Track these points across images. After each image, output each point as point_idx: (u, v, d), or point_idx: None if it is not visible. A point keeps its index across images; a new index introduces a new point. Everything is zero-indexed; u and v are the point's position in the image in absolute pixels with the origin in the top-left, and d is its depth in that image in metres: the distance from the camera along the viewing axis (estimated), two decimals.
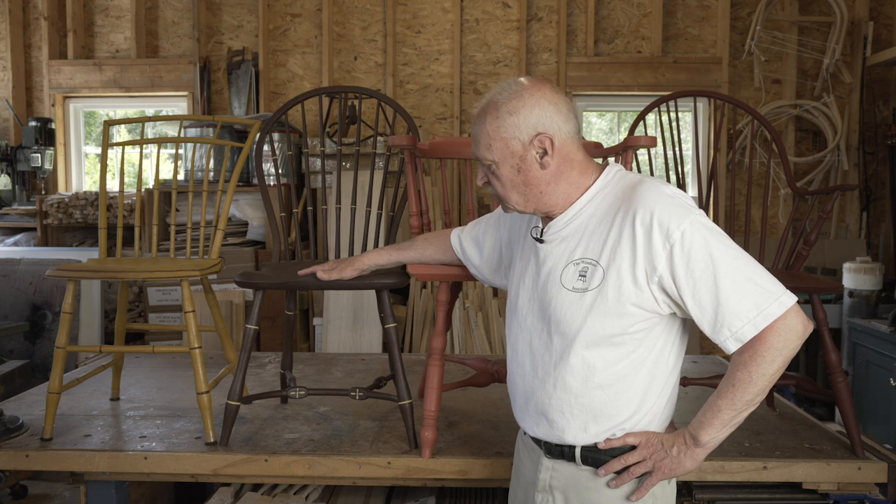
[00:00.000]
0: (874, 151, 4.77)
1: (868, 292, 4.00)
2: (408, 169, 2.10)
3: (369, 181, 2.40)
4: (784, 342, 1.30)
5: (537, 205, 1.45)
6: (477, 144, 1.45)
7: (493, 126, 1.40)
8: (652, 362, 1.40)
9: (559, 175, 1.42)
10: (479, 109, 1.45)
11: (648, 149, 2.24)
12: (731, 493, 1.99)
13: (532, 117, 1.39)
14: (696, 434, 1.37)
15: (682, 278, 1.32)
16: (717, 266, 1.31)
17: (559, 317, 1.41)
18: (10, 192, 4.92)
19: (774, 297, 1.30)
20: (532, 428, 1.50)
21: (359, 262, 1.93)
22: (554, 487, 1.47)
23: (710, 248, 1.31)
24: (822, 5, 4.71)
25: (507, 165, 1.42)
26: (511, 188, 1.44)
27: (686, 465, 1.39)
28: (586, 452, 1.43)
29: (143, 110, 5.27)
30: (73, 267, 2.15)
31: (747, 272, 1.32)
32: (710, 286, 1.31)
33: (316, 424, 2.28)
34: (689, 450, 1.38)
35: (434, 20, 4.89)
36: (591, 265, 1.39)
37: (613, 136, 5.58)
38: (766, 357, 1.30)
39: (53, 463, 2.04)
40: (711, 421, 1.36)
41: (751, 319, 1.29)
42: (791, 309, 1.30)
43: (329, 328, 3.91)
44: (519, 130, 1.39)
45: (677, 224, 1.32)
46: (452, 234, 1.85)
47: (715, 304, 1.31)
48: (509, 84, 1.42)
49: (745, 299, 1.29)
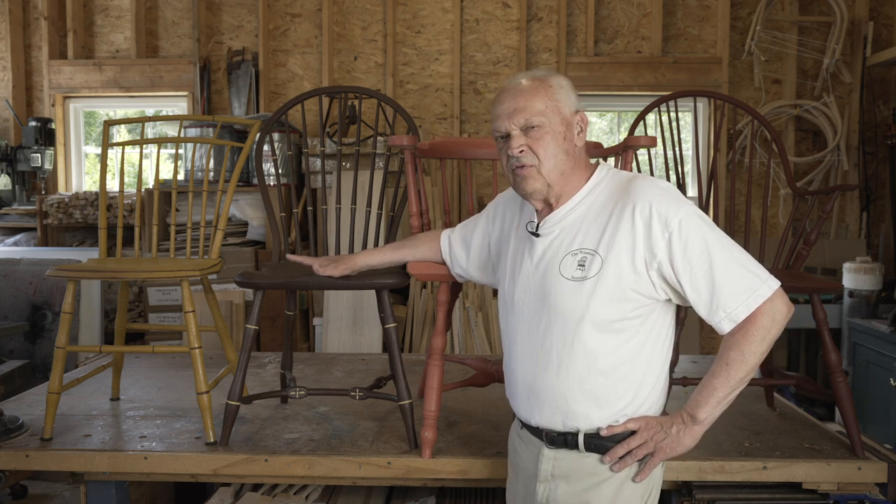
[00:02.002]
0: (874, 151, 4.77)
1: (868, 292, 4.00)
2: (408, 169, 2.10)
3: (369, 181, 2.40)
4: (772, 322, 1.39)
5: (559, 180, 1.50)
6: (525, 107, 1.47)
7: (547, 92, 1.48)
8: (649, 349, 1.47)
9: (580, 159, 1.53)
10: (524, 85, 1.49)
11: (648, 149, 2.24)
12: (731, 493, 1.99)
13: (573, 96, 1.52)
14: (693, 413, 1.45)
15: (680, 263, 1.40)
16: (712, 252, 1.39)
17: (560, 306, 1.46)
18: (10, 192, 4.92)
19: (762, 280, 1.40)
20: (534, 417, 1.53)
21: (352, 261, 1.95)
22: (556, 476, 1.50)
23: (704, 235, 1.40)
24: (822, 5, 4.71)
25: (556, 128, 1.48)
26: (553, 152, 1.48)
27: (686, 443, 1.46)
28: (590, 439, 1.47)
29: (143, 110, 5.27)
30: (73, 267, 2.15)
31: (738, 258, 1.41)
32: (706, 270, 1.39)
33: (316, 424, 2.28)
34: (688, 428, 1.46)
35: (434, 20, 4.89)
36: (589, 255, 1.45)
37: (613, 136, 5.58)
38: (756, 336, 1.39)
39: (53, 463, 2.04)
40: (708, 399, 1.44)
41: (744, 301, 1.38)
42: (777, 291, 1.40)
43: (329, 328, 3.92)
44: (569, 101, 1.50)
45: (675, 213, 1.40)
46: (442, 236, 1.88)
47: (711, 287, 1.39)
48: (540, 69, 1.59)
49: (739, 282, 1.39)
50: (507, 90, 1.51)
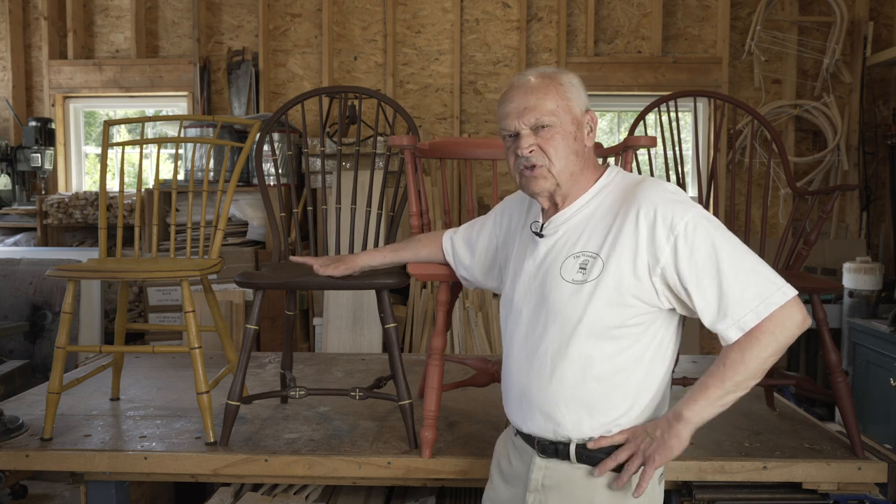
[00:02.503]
0: (874, 151, 4.77)
1: (868, 292, 4.00)
2: (408, 169, 2.10)
3: (369, 181, 2.40)
4: (781, 329, 1.31)
5: (569, 181, 1.46)
6: (536, 106, 1.43)
7: (559, 90, 1.44)
8: (649, 359, 1.41)
9: (589, 159, 1.50)
10: (534, 83, 1.45)
11: (648, 149, 2.24)
12: (731, 493, 1.99)
13: (583, 94, 1.48)
14: (679, 410, 1.37)
15: (686, 268, 1.34)
16: (720, 256, 1.33)
17: (558, 308, 1.41)
18: (10, 192, 4.92)
19: (777, 286, 1.32)
20: (526, 424, 1.49)
21: (352, 261, 1.94)
22: (547, 487, 1.46)
23: (713, 238, 1.34)
24: (822, 5, 4.71)
25: (567, 128, 1.44)
26: (563, 153, 1.44)
27: (672, 445, 1.36)
28: (581, 450, 1.42)
29: (143, 110, 5.27)
30: (73, 267, 2.15)
31: (749, 262, 1.34)
32: (713, 275, 1.33)
33: (316, 424, 2.28)
34: (672, 427, 1.36)
35: (434, 20, 4.89)
36: (591, 258, 1.40)
37: (613, 136, 5.57)
38: (761, 340, 1.31)
39: (53, 463, 2.04)
40: (696, 397, 1.36)
41: (753, 308, 1.31)
42: (792, 299, 1.32)
43: (329, 328, 3.92)
44: (580, 100, 1.46)
45: (681, 216, 1.35)
46: (445, 236, 1.86)
47: (718, 292, 1.33)
48: (549, 66, 1.52)
49: (749, 288, 1.32)
50: (516, 88, 1.45)
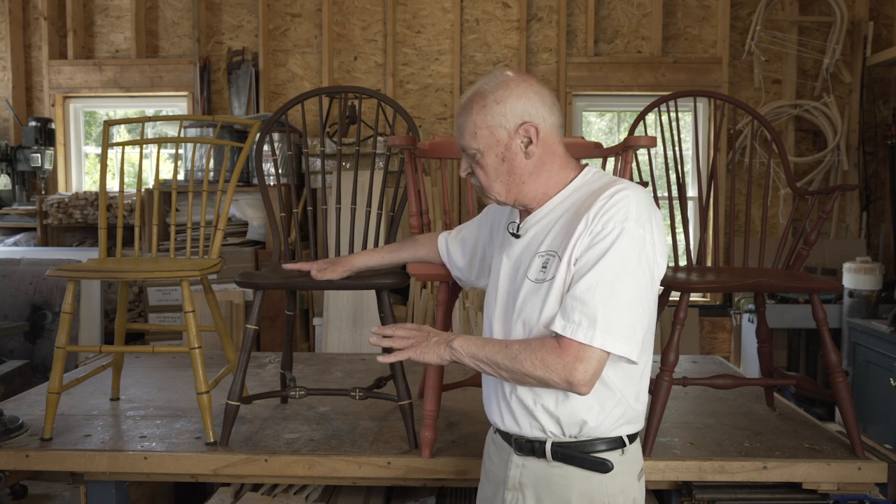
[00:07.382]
0: (874, 151, 4.77)
1: (868, 292, 4.00)
2: (408, 169, 2.10)
3: (369, 181, 2.40)
4: (562, 365, 1.29)
5: (518, 195, 1.46)
6: (462, 134, 1.46)
7: (479, 115, 1.42)
8: None
9: (541, 166, 1.44)
10: (465, 100, 1.45)
11: (648, 149, 2.24)
12: (731, 493, 1.99)
13: (518, 106, 1.40)
14: (456, 338, 1.42)
15: (582, 257, 1.33)
16: (608, 269, 1.30)
17: (521, 307, 1.42)
18: (10, 192, 4.92)
19: (613, 335, 1.28)
20: (501, 421, 1.49)
21: (350, 262, 1.95)
22: (524, 485, 1.46)
23: (620, 253, 1.30)
24: (822, 5, 4.71)
25: (492, 154, 1.43)
26: (494, 177, 1.45)
27: (429, 353, 1.42)
28: (557, 448, 1.42)
29: (143, 110, 5.27)
30: (73, 267, 2.15)
31: (626, 300, 1.30)
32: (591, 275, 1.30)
33: (316, 424, 2.28)
34: (440, 345, 1.42)
35: (434, 20, 4.89)
36: (552, 257, 1.39)
37: (613, 136, 5.58)
38: (539, 356, 1.31)
39: (53, 463, 2.04)
40: (473, 340, 1.40)
41: (586, 326, 1.29)
42: (600, 358, 1.29)
43: (329, 328, 3.92)
44: (505, 119, 1.40)
45: (618, 222, 1.32)
46: (441, 237, 1.87)
47: (584, 290, 1.30)
48: (496, 75, 1.44)
49: (602, 308, 1.28)
50: (461, 105, 1.47)
